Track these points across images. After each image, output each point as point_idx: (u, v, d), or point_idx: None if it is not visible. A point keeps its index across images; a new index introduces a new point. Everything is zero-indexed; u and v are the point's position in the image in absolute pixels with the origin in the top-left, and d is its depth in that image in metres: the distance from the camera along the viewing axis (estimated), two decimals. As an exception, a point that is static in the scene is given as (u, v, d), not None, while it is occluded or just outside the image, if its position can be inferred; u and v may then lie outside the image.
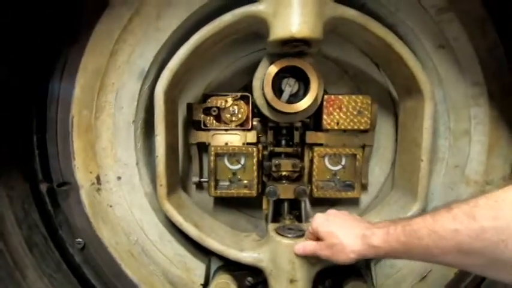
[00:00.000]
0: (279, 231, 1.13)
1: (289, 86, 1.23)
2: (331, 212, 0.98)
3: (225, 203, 1.50)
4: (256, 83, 1.27)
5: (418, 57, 1.14)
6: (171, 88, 1.12)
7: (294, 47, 1.06)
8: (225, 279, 1.16)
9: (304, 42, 1.03)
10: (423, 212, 1.17)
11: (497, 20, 1.08)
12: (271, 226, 1.19)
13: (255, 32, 1.19)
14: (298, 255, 1.05)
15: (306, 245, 1.01)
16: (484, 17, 1.08)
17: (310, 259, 1.05)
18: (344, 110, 1.34)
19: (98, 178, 1.16)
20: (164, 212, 1.14)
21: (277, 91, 1.25)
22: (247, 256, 1.14)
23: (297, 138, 1.45)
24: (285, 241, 1.07)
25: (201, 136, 1.39)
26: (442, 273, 1.19)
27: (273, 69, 1.20)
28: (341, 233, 0.87)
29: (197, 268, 1.22)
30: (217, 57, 1.40)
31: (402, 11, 1.12)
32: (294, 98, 1.26)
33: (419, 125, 1.12)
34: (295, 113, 1.26)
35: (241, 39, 1.36)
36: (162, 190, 1.11)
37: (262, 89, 1.24)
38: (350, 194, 1.38)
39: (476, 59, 1.12)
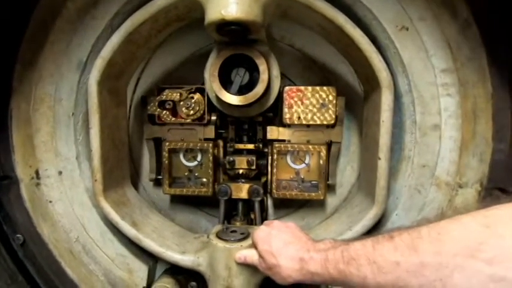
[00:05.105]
0: (219, 234, 1.04)
1: (239, 77, 1.13)
2: (276, 226, 0.89)
3: (184, 201, 1.43)
4: (206, 75, 1.18)
5: (378, 42, 1.01)
6: (108, 78, 1.06)
7: (231, 33, 0.96)
8: (165, 283, 1.09)
9: (240, 26, 0.93)
10: (382, 217, 1.03)
11: (468, -5, 0.92)
12: (215, 228, 1.10)
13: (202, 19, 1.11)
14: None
15: (247, 256, 0.94)
16: (453, -8, 0.93)
17: (250, 267, 0.96)
18: (306, 103, 1.23)
19: (37, 173, 1.13)
20: (100, 209, 1.09)
21: (229, 83, 1.16)
22: (186, 259, 1.06)
23: (260, 134, 1.36)
24: (221, 245, 0.98)
25: (156, 131, 1.33)
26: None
27: (218, 59, 1.11)
28: (279, 254, 0.80)
29: (140, 270, 1.15)
30: (173, 47, 1.33)
31: (358, -11, 0.99)
32: (248, 90, 1.17)
33: (377, 119, 0.99)
34: (248, 106, 1.16)
35: (197, 28, 1.28)
36: (97, 186, 1.06)
37: (211, 81, 1.15)
38: (313, 196, 1.25)
39: (445, 42, 0.96)
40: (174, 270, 1.15)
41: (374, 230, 1.05)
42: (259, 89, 1.10)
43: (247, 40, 1.08)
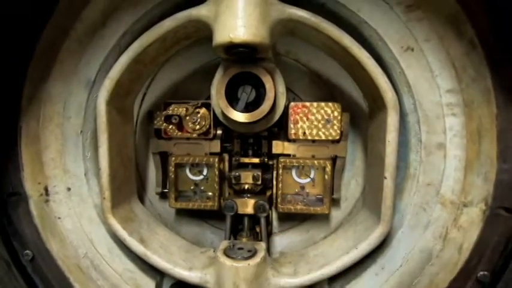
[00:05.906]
0: (226, 252, 1.05)
1: (246, 94, 1.15)
2: None
3: (189, 214, 1.44)
4: (213, 91, 1.20)
5: (383, 62, 1.02)
6: (116, 97, 1.07)
7: (239, 53, 0.97)
8: (173, 299, 1.10)
9: (248, 48, 0.94)
10: (388, 234, 1.04)
11: (473, 18, 0.93)
12: (222, 244, 1.11)
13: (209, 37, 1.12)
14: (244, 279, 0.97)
15: None
16: (458, 14, 0.94)
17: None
18: (311, 119, 1.24)
19: (46, 189, 1.14)
20: (108, 226, 1.10)
21: (236, 100, 1.17)
22: (193, 276, 1.07)
23: (265, 148, 1.37)
24: (228, 263, 0.99)
25: (163, 145, 1.34)
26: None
27: (225, 77, 1.12)
28: None
29: (147, 285, 1.17)
30: (178, 63, 1.34)
31: (364, 10, 1.00)
32: (254, 107, 1.18)
33: (383, 138, 1.00)
34: (254, 122, 1.17)
35: (202, 44, 1.30)
36: (106, 203, 1.07)
37: (218, 98, 1.16)
38: (318, 210, 1.27)
39: (450, 62, 0.97)
40: (181, 285, 1.17)
41: (380, 247, 1.06)
42: (266, 106, 1.12)
43: (254, 59, 1.09)
